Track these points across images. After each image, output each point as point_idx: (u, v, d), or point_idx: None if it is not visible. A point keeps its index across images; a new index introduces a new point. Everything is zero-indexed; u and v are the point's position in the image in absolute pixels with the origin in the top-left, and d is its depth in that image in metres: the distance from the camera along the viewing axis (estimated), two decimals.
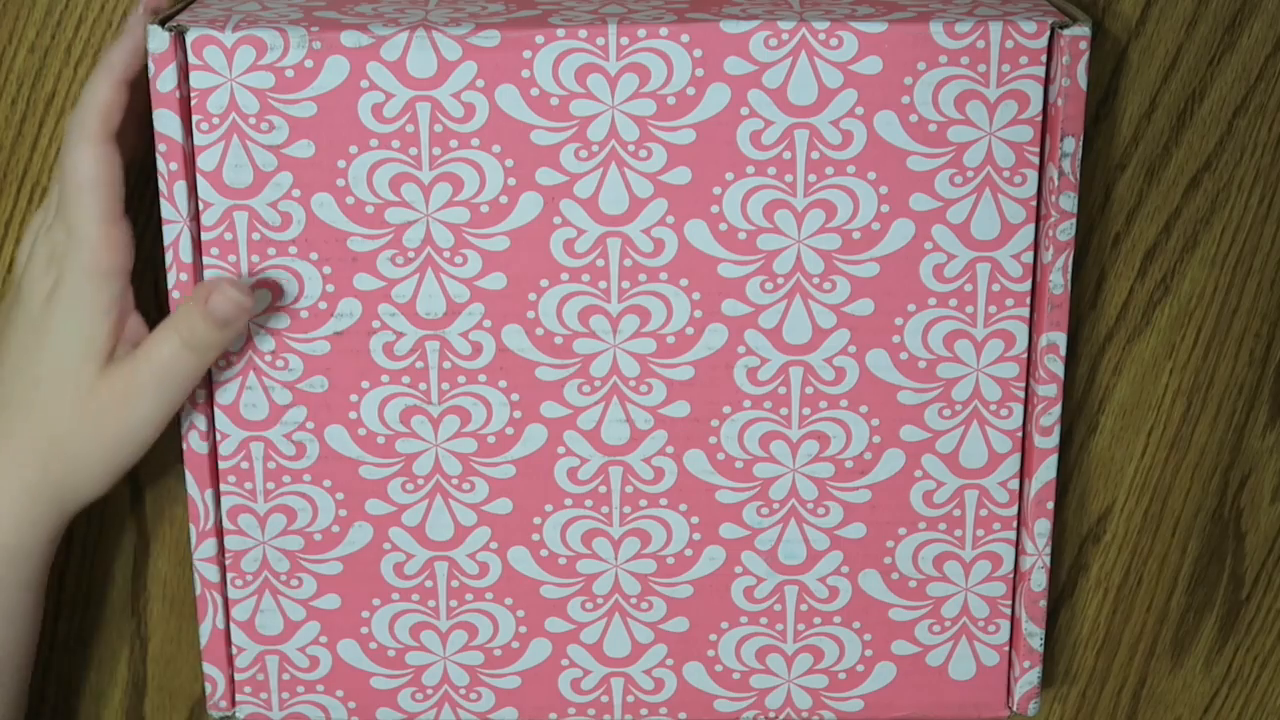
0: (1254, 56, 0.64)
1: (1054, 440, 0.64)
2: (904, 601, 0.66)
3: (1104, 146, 0.66)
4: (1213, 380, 0.68)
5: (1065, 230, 0.62)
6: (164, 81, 0.60)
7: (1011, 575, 0.66)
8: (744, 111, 0.61)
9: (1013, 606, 0.66)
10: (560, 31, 0.60)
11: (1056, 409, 0.64)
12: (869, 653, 0.67)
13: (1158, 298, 0.67)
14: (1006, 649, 0.67)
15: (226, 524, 0.65)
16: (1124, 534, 0.70)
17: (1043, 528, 0.65)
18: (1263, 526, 0.70)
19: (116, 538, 0.70)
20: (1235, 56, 0.64)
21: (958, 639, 0.67)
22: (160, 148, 0.60)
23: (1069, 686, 0.72)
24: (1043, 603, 0.66)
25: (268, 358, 0.63)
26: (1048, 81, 0.61)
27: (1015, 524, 0.65)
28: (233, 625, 0.66)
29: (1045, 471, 0.64)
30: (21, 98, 0.64)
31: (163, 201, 0.61)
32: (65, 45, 0.64)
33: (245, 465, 0.64)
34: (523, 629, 0.66)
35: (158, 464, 0.69)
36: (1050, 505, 0.65)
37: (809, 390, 0.64)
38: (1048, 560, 0.65)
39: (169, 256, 0.62)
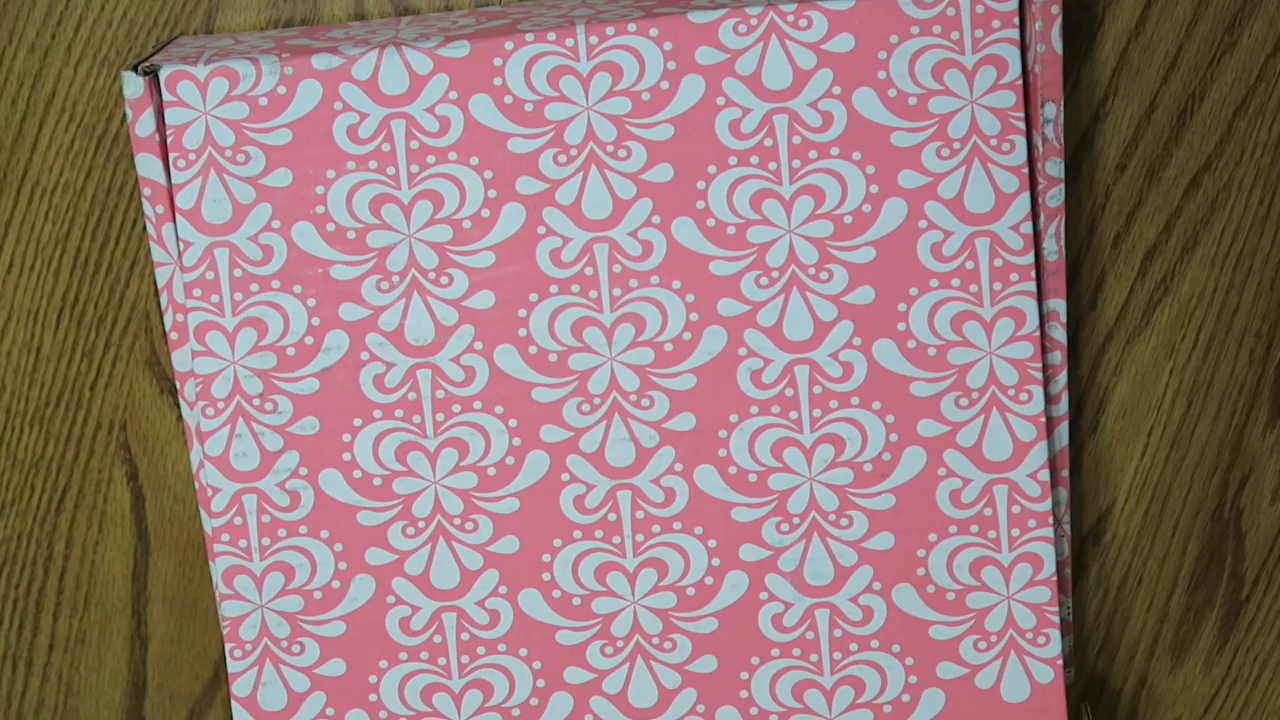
0: (1254, 56, 0.64)
1: (1064, 407, 0.62)
2: (944, 617, 0.62)
3: (1104, 146, 0.65)
4: (1213, 380, 0.67)
5: (1054, 196, 0.61)
6: (142, 126, 0.60)
7: (1054, 577, 0.62)
8: (720, 101, 0.60)
9: (1059, 608, 0.62)
10: (529, 36, 0.60)
11: (1062, 376, 0.62)
12: (913, 679, 0.62)
13: (1158, 298, 0.66)
14: (1060, 663, 0.62)
15: (222, 588, 0.62)
16: (1124, 534, 0.68)
17: (1060, 496, 0.62)
18: (1263, 526, 0.68)
19: (116, 538, 0.68)
20: (1235, 57, 0.64)
21: (1006, 655, 0.62)
22: (145, 192, 0.60)
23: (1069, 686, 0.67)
24: (1067, 570, 0.63)
25: (256, 401, 0.61)
26: (1024, 48, 0.60)
27: (1051, 519, 0.61)
28: (234, 703, 0.62)
29: (1058, 438, 0.61)
30: (21, 98, 0.64)
31: (152, 245, 0.61)
32: (65, 45, 0.64)
33: (239, 521, 0.61)
34: (540, 682, 0.62)
35: (158, 464, 0.67)
36: (1065, 474, 0.62)
37: (817, 389, 0.61)
38: (1067, 528, 0.62)
39: (164, 299, 0.61)
